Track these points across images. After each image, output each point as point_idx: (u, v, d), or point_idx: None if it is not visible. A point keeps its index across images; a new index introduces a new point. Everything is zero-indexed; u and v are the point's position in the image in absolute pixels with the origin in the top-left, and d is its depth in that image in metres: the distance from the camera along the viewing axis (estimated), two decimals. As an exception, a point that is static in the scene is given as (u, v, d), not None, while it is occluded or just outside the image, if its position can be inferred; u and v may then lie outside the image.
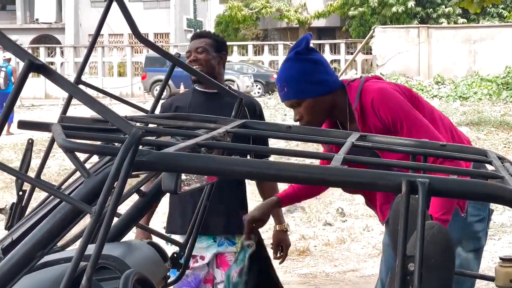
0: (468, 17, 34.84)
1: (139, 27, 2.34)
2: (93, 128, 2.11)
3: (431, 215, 2.14)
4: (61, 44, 41.47)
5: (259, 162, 1.65)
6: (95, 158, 2.11)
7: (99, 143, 1.87)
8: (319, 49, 34.99)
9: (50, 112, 25.90)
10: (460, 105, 20.62)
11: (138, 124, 2.14)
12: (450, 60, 25.34)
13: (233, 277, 3.10)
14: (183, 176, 1.73)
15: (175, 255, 2.65)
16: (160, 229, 6.35)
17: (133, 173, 1.64)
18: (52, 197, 2.00)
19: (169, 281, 2.65)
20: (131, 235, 3.52)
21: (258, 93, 30.98)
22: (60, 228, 1.67)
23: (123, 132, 1.64)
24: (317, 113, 3.17)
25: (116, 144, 1.86)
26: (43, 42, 42.01)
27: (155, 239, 3.01)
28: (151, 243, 2.64)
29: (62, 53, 37.87)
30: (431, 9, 35.76)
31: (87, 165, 1.82)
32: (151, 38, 39.06)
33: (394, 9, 35.12)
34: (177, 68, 2.48)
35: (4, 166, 1.62)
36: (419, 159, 2.19)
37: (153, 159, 1.62)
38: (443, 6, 35.28)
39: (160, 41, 41.57)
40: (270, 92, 29.38)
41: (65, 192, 1.83)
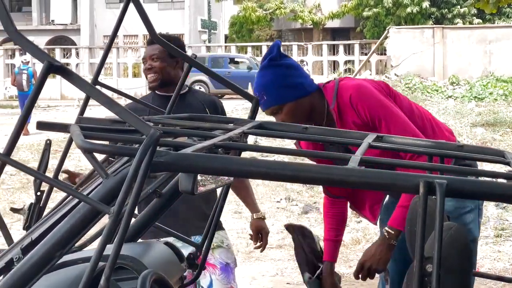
0: (484, 17, 34.67)
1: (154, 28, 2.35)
2: (110, 129, 2.11)
3: (448, 216, 2.14)
4: (76, 45, 41.62)
5: (276, 163, 1.65)
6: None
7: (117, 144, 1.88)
8: (333, 49, 34.94)
9: (66, 113, 26.01)
10: (475, 106, 20.53)
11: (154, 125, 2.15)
12: (465, 60, 25.24)
13: None
14: (198, 177, 1.73)
15: (191, 255, 2.66)
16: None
17: (150, 173, 1.64)
18: (70, 197, 2.01)
19: (185, 281, 2.66)
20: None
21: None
22: (79, 229, 1.68)
23: (141, 133, 1.65)
24: (298, 116, 3.18)
25: (134, 145, 1.87)
26: (58, 43, 42.20)
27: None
28: (167, 244, 2.64)
29: (77, 54, 38.01)
30: (446, 9, 35.61)
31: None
32: (163, 39, 38.87)
33: (408, 9, 35.00)
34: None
35: (24, 166, 1.63)
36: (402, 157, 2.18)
37: (171, 160, 1.62)
38: (458, 7, 35.12)
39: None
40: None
41: (83, 192, 1.84)
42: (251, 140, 11.10)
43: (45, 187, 2.38)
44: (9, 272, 1.68)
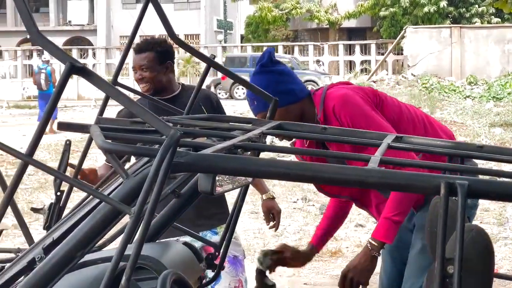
0: (502, 17, 34.48)
1: (170, 28, 2.35)
2: (130, 129, 2.12)
3: (468, 217, 2.13)
4: (93, 45, 41.80)
5: (296, 163, 1.65)
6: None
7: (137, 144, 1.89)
8: (349, 49, 34.89)
9: (83, 113, 26.13)
10: (493, 106, 20.42)
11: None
12: (483, 60, 25.11)
13: None
14: (216, 177, 1.73)
15: (210, 255, 2.66)
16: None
17: (171, 174, 1.65)
18: (90, 197, 2.02)
19: (204, 281, 2.66)
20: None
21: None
22: (99, 229, 1.69)
23: (161, 133, 1.65)
24: None
25: (154, 145, 1.88)
26: (75, 44, 42.41)
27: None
28: (186, 244, 2.65)
29: (94, 54, 38.17)
30: (463, 8, 35.45)
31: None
32: (181, 39, 38.93)
33: (426, 9, 34.87)
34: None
35: (45, 166, 1.64)
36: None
37: (191, 160, 1.63)
38: (476, 6, 34.96)
39: (191, 42, 41.68)
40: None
41: (104, 192, 1.84)
42: (267, 140, 11.09)
43: (64, 187, 2.39)
44: (31, 272, 1.69)
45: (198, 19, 43.65)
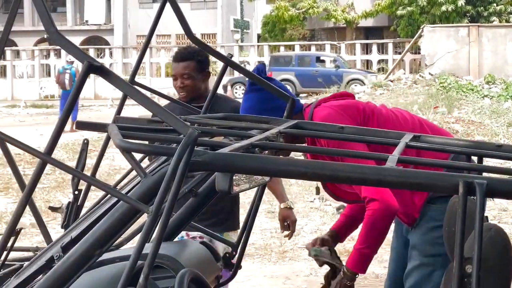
0: (520, 15, 34.28)
1: (187, 28, 2.35)
2: (147, 128, 2.13)
3: (486, 216, 2.12)
4: (110, 45, 41.94)
5: (314, 162, 1.65)
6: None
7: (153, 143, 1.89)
8: (366, 49, 34.80)
9: (100, 112, 26.22)
10: (511, 105, 20.29)
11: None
12: (501, 59, 24.96)
13: None
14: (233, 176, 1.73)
15: (227, 255, 2.67)
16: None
17: (188, 173, 1.65)
18: (108, 196, 2.02)
19: (221, 281, 2.67)
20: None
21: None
22: (117, 227, 1.69)
23: (178, 132, 1.65)
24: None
25: (172, 144, 1.88)
26: (92, 43, 42.57)
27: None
28: (203, 243, 2.65)
29: (111, 54, 38.30)
30: (481, 7, 35.25)
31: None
32: (199, 38, 39.00)
33: (443, 8, 34.69)
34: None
35: (64, 165, 1.65)
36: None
37: (209, 159, 1.63)
38: (494, 4, 34.74)
39: (207, 42, 41.74)
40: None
41: (122, 191, 1.85)
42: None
43: (82, 186, 2.40)
44: (50, 270, 1.70)
45: (215, 18, 43.68)
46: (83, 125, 2.05)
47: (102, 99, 32.61)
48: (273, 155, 2.21)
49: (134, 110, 19.58)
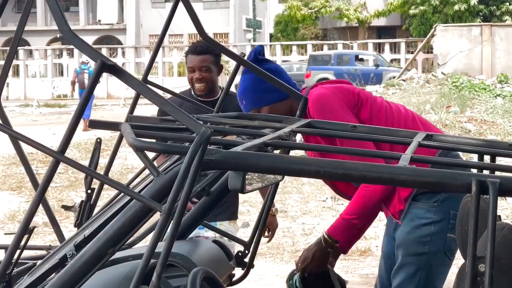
0: (533, 15, 34.13)
1: (199, 27, 2.36)
2: (160, 127, 2.13)
3: (499, 215, 2.11)
4: (122, 44, 42.04)
5: (327, 161, 1.65)
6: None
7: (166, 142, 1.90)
8: (378, 48, 34.72)
9: (112, 112, 26.29)
10: (524, 105, 20.20)
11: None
12: (514, 58, 24.86)
13: None
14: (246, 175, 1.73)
15: (239, 253, 2.67)
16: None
17: (201, 171, 1.65)
18: (121, 195, 2.03)
19: (233, 279, 2.67)
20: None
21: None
22: (130, 226, 1.70)
23: (191, 131, 1.66)
24: None
25: (185, 143, 1.88)
26: (105, 43, 42.71)
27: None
28: (216, 241, 2.66)
29: (123, 53, 38.39)
30: (494, 6, 35.13)
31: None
32: (212, 38, 39.06)
33: (456, 7, 34.61)
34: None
35: (77, 164, 1.66)
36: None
37: (222, 158, 1.63)
38: (507, 4, 34.62)
39: (220, 41, 41.75)
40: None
41: (135, 190, 1.85)
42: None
43: (95, 185, 2.41)
44: (63, 268, 1.70)
45: (227, 18, 43.71)
46: (96, 124, 2.06)
47: (114, 98, 32.69)
48: (285, 153, 2.21)
49: (147, 110, 19.63)
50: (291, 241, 7.58)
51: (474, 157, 2.20)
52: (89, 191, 2.35)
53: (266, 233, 4.31)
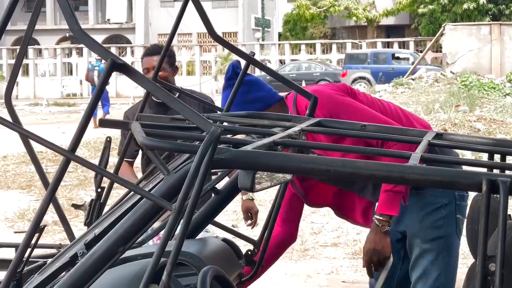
0: (543, 14, 34.01)
1: (208, 27, 2.36)
2: (170, 126, 2.14)
3: (509, 214, 2.11)
4: (131, 43, 42.11)
5: (336, 160, 1.65)
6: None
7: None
8: (387, 47, 34.66)
9: (121, 111, 26.29)
10: (533, 104, 20.12)
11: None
12: (524, 57, 24.78)
13: None
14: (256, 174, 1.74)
15: (249, 252, 2.67)
16: (230, 226, 6.39)
17: (211, 170, 1.65)
18: (131, 193, 2.03)
19: (243, 279, 2.67)
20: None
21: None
22: (140, 225, 1.70)
23: (201, 130, 1.66)
24: None
25: (195, 142, 1.88)
26: (114, 42, 42.77)
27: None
28: (225, 240, 2.66)
29: (132, 52, 38.46)
30: (503, 5, 35.02)
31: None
32: (221, 37, 39.00)
33: (465, 6, 34.52)
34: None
35: (87, 162, 1.66)
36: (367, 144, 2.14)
37: (232, 157, 1.63)
38: (517, 2, 34.52)
39: (228, 40, 41.69)
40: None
41: (145, 189, 1.86)
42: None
43: (105, 183, 2.42)
44: (74, 267, 1.71)
45: (236, 17, 43.72)
46: (106, 123, 2.06)
47: (123, 97, 32.76)
48: (295, 152, 2.21)
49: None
50: (300, 240, 7.58)
51: (484, 156, 2.19)
52: (99, 189, 2.35)
53: (249, 221, 4.40)
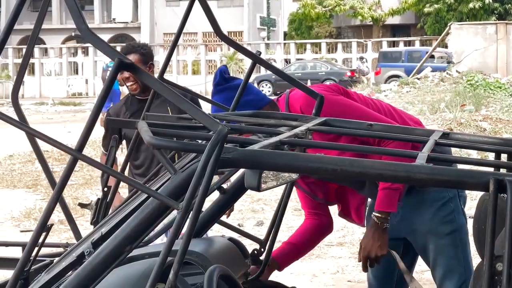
0: (548, 13, 33.96)
1: (213, 26, 2.36)
2: (177, 125, 2.14)
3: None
4: (137, 43, 42.11)
5: (344, 159, 1.64)
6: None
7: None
8: (393, 46, 34.62)
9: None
10: (539, 103, 20.07)
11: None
12: (530, 57, 24.73)
13: None
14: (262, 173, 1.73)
15: (255, 251, 2.67)
16: (236, 225, 6.38)
17: (218, 169, 1.65)
18: (138, 193, 2.03)
19: (249, 278, 2.67)
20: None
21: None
22: (147, 224, 1.70)
23: (208, 129, 1.66)
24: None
25: (202, 141, 1.88)
26: (119, 41, 42.75)
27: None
28: (231, 239, 2.66)
29: (138, 52, 38.46)
30: (509, 4, 34.96)
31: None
32: (227, 36, 38.99)
33: (471, 5, 34.48)
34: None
35: (94, 161, 1.66)
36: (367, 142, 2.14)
37: (239, 156, 1.63)
38: (522, 2, 34.47)
39: (234, 40, 41.72)
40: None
41: (151, 188, 1.86)
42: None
43: (111, 182, 2.42)
44: (81, 266, 1.71)
45: (241, 16, 43.72)
46: (113, 122, 2.06)
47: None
48: (301, 152, 2.21)
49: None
50: (305, 239, 7.57)
51: (490, 156, 2.19)
52: (105, 189, 2.36)
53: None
